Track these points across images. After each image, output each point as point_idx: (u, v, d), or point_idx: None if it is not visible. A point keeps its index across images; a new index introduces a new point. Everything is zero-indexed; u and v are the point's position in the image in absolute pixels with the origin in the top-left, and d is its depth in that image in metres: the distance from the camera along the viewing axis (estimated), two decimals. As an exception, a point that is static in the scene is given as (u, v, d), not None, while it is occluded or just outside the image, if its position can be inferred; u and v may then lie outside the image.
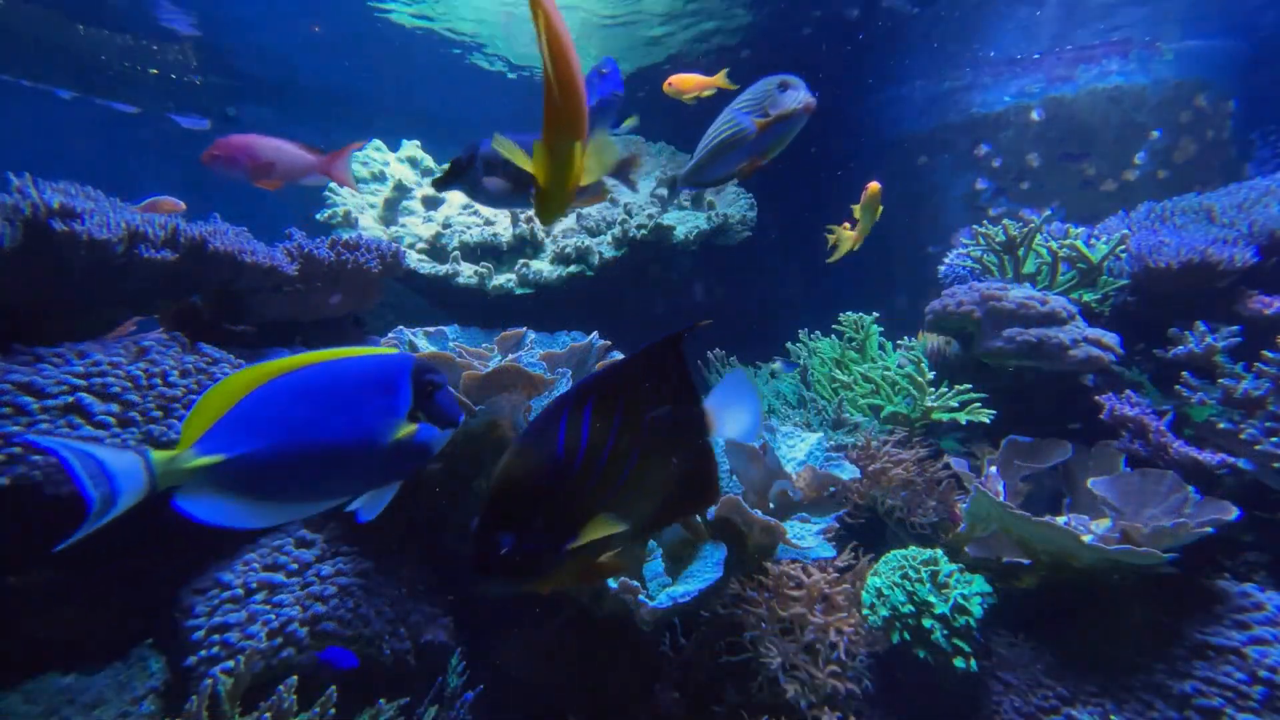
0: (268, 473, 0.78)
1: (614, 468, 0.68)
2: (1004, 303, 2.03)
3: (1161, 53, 4.20)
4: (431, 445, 0.89)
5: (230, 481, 0.76)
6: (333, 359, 0.83)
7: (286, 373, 0.79)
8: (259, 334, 1.96)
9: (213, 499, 0.77)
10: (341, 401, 0.81)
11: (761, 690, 1.37)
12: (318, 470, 0.81)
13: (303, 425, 0.79)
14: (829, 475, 1.39)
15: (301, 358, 0.80)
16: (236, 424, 0.76)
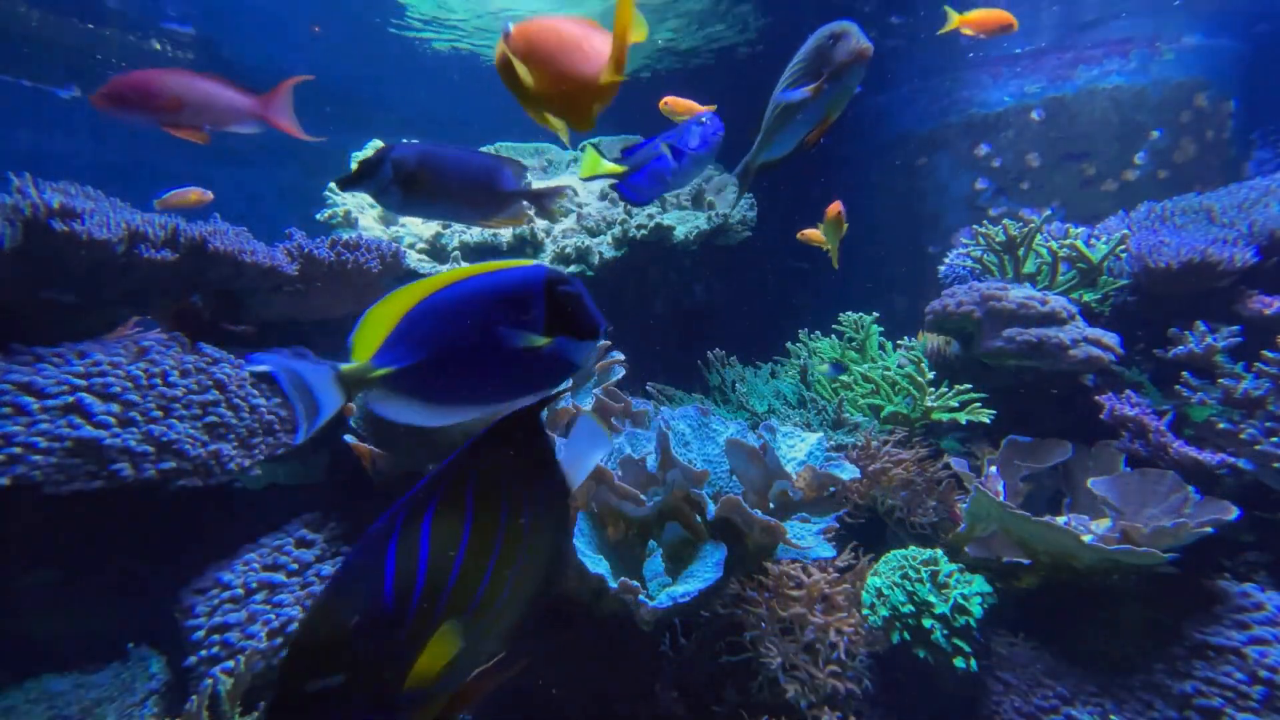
0: (431, 382, 0.86)
1: (465, 586, 0.60)
2: (1004, 303, 2.03)
3: (1161, 53, 4.20)
4: (571, 357, 0.89)
5: (405, 388, 0.86)
6: (474, 275, 0.85)
7: (435, 291, 0.84)
8: (259, 334, 1.96)
9: (394, 403, 0.87)
10: (481, 318, 0.84)
11: (761, 690, 1.37)
12: (470, 382, 0.87)
13: (451, 341, 0.84)
14: (829, 475, 1.39)
15: (448, 275, 0.85)
16: (401, 340, 0.84)
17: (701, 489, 1.31)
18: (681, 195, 3.11)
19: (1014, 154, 4.34)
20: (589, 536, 1.24)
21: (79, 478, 1.25)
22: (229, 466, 1.45)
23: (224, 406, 1.50)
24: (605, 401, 1.78)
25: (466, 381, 0.88)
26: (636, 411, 1.84)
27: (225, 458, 1.45)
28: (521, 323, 0.85)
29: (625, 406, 1.84)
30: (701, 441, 1.53)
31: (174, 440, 1.37)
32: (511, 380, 0.90)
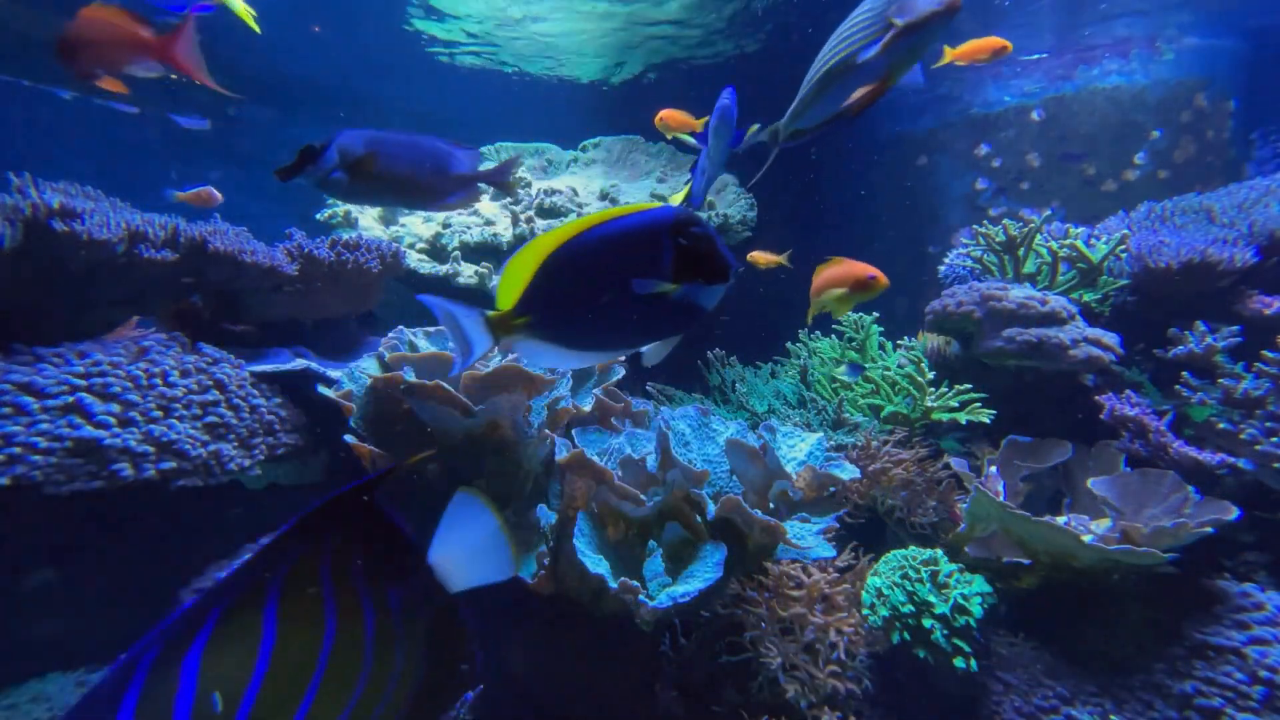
0: (566, 328, 0.89)
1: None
2: (1004, 303, 2.03)
3: (1161, 53, 4.20)
4: (700, 302, 0.88)
5: (543, 335, 0.89)
6: (604, 221, 0.86)
7: (567, 239, 0.86)
8: (259, 334, 1.96)
9: (534, 347, 0.90)
10: (610, 265, 0.86)
11: (761, 690, 1.37)
12: (602, 328, 0.90)
13: (582, 289, 0.87)
14: (829, 475, 1.39)
15: (580, 222, 0.87)
16: (538, 288, 0.87)
17: (701, 489, 1.31)
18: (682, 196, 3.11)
19: (1014, 154, 4.34)
20: (589, 537, 1.24)
21: (79, 478, 1.25)
22: (229, 466, 1.45)
23: (224, 406, 1.50)
24: (605, 401, 1.78)
25: (598, 328, 0.90)
26: (636, 411, 1.84)
27: (225, 458, 1.45)
28: (650, 268, 0.85)
29: (625, 406, 1.84)
30: (701, 441, 1.53)
31: (174, 440, 1.37)
32: (641, 327, 0.92)
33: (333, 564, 0.51)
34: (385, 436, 1.61)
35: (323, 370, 1.73)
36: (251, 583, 0.47)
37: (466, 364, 0.88)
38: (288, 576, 0.48)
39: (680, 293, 0.86)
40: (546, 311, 0.88)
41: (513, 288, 0.88)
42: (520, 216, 2.73)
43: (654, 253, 0.85)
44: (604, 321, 0.89)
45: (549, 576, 1.39)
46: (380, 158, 1.18)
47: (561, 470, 1.36)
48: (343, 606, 0.51)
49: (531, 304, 0.87)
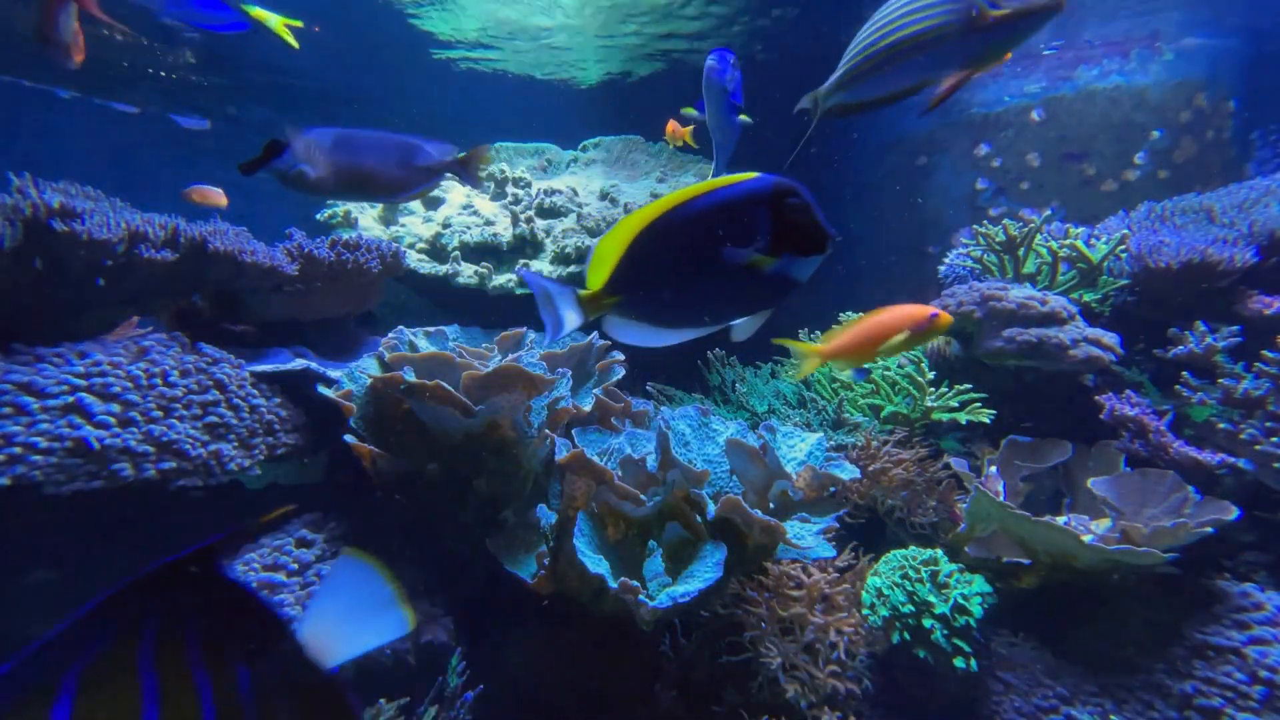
0: (656, 305, 0.89)
1: None
2: (1004, 303, 2.03)
3: (1161, 53, 4.20)
4: (795, 274, 0.86)
5: (633, 313, 0.90)
6: (698, 195, 0.85)
7: (659, 215, 0.85)
8: (259, 334, 1.96)
9: (624, 325, 0.91)
10: (703, 239, 0.84)
11: (761, 690, 1.37)
12: (694, 304, 0.89)
13: (673, 265, 0.86)
14: (829, 475, 1.39)
15: (673, 197, 0.85)
16: (628, 266, 0.87)
17: (701, 489, 1.31)
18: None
19: (1014, 154, 4.34)
20: (589, 536, 1.24)
21: (79, 478, 1.25)
22: (229, 466, 1.45)
23: (224, 406, 1.50)
24: (605, 401, 1.78)
25: (688, 305, 0.89)
26: (636, 411, 1.84)
27: (225, 458, 1.45)
28: (746, 240, 0.82)
29: (625, 406, 1.84)
30: (701, 441, 1.53)
31: (174, 440, 1.37)
32: (734, 300, 0.91)
33: (158, 645, 0.41)
34: (385, 436, 1.61)
35: (323, 370, 1.73)
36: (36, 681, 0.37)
37: (556, 339, 0.90)
38: (89, 668, 0.38)
39: (776, 265, 0.83)
40: (636, 290, 0.87)
41: (602, 267, 0.88)
42: (520, 216, 2.73)
43: (750, 224, 0.83)
44: (694, 298, 0.88)
45: (549, 576, 1.39)
46: (344, 152, 1.19)
47: (561, 470, 1.36)
48: (169, 696, 0.41)
49: (621, 283, 0.87)
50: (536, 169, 3.63)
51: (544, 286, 0.89)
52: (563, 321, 0.89)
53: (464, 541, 1.63)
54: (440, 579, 1.64)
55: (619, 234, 0.87)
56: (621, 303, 0.88)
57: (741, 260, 0.83)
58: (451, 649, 1.51)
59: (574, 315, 0.89)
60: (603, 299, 0.88)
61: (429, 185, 1.30)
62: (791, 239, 0.83)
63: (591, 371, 1.92)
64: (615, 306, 0.89)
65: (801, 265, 0.85)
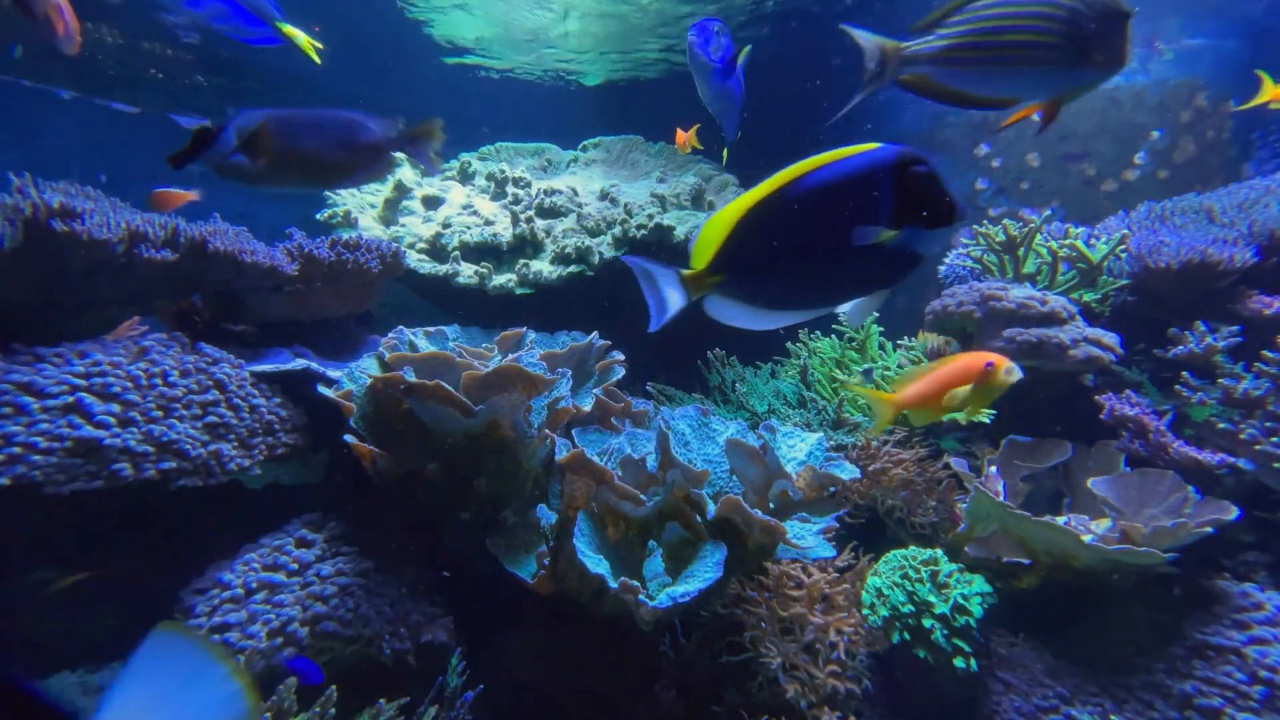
0: (762, 286, 0.86)
1: None
2: (1004, 303, 2.03)
3: (1161, 53, 4.20)
4: (919, 249, 0.80)
5: (737, 294, 0.87)
6: (813, 169, 0.81)
7: (771, 192, 0.81)
8: (259, 334, 1.96)
9: (726, 307, 0.88)
10: (819, 214, 0.79)
11: (761, 690, 1.37)
12: (803, 284, 0.85)
13: (785, 243, 0.82)
14: (829, 475, 1.39)
15: (787, 172, 0.81)
16: (735, 245, 0.83)
17: (701, 489, 1.31)
18: (682, 196, 3.11)
19: (1014, 154, 4.34)
20: (589, 536, 1.24)
21: (79, 478, 1.25)
22: (229, 466, 1.45)
23: (224, 406, 1.50)
24: (605, 401, 1.78)
25: (797, 285, 0.86)
26: (636, 411, 1.84)
27: (226, 458, 1.45)
28: (866, 214, 0.77)
29: (625, 406, 1.84)
30: (701, 441, 1.53)
31: (174, 440, 1.37)
32: (851, 280, 0.86)
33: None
34: (385, 436, 1.61)
35: (323, 370, 1.73)
36: None
37: (660, 322, 0.88)
38: None
39: (898, 239, 0.78)
40: (741, 269, 0.84)
41: (708, 246, 0.85)
42: (520, 216, 2.73)
43: (872, 197, 0.77)
44: (806, 277, 0.84)
45: (549, 576, 1.39)
46: (281, 134, 1.10)
47: (561, 470, 1.36)
48: None
49: (726, 262, 0.85)
50: (536, 169, 3.63)
51: (645, 267, 0.87)
52: (666, 302, 0.87)
53: (464, 541, 1.63)
54: (440, 579, 1.64)
55: (728, 212, 0.84)
56: (726, 282, 0.86)
57: (864, 237, 0.78)
58: (451, 649, 1.51)
59: (677, 295, 0.86)
60: (706, 278, 0.86)
61: (378, 167, 1.21)
62: (917, 211, 0.77)
63: (591, 371, 1.92)
64: (719, 286, 0.86)
65: (928, 239, 0.79)
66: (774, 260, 0.83)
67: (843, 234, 0.78)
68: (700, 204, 3.10)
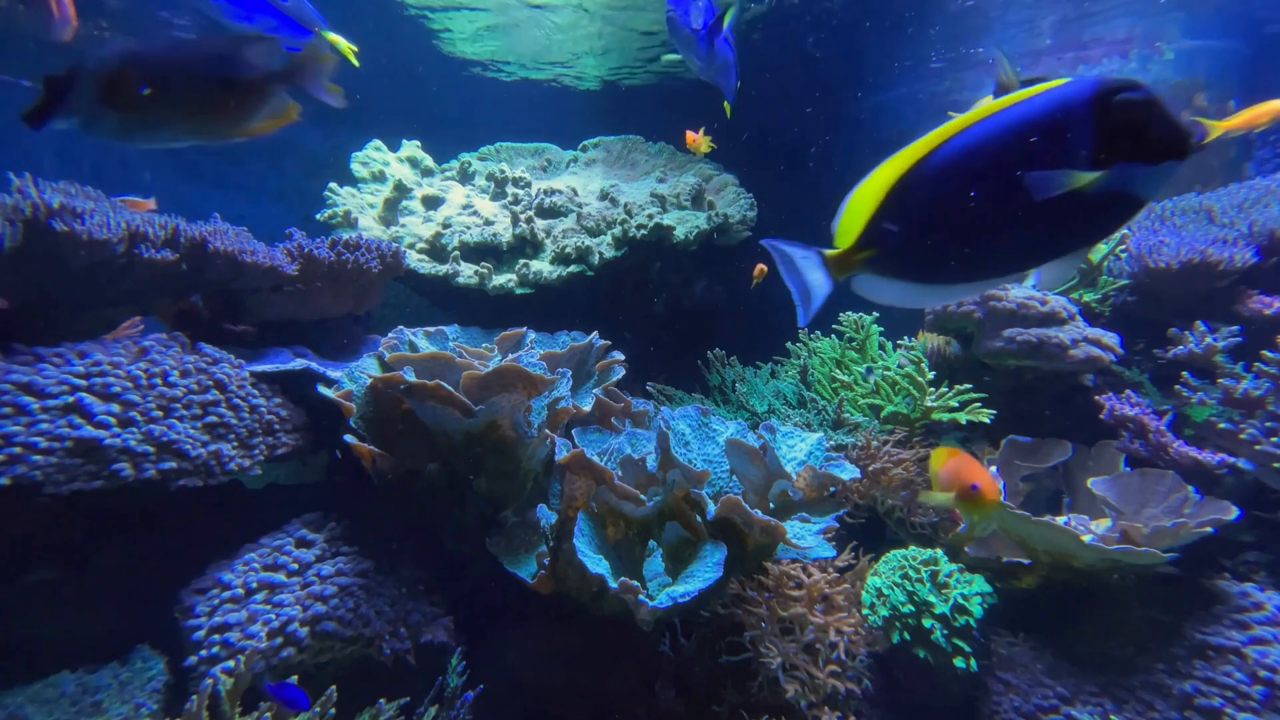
0: (924, 257, 0.76)
1: None
2: (1004, 303, 2.03)
3: (1161, 53, 4.20)
4: (1137, 190, 0.67)
5: (894, 269, 0.78)
6: (985, 116, 0.70)
7: (933, 148, 0.73)
8: (259, 334, 1.96)
9: (877, 285, 0.80)
10: (996, 166, 0.69)
11: (761, 690, 1.37)
12: (980, 249, 0.74)
13: (949, 206, 0.72)
14: (829, 475, 1.39)
15: (950, 126, 0.72)
16: (888, 214, 0.75)
17: (701, 489, 1.31)
18: (682, 196, 3.11)
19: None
20: (589, 536, 1.24)
21: (79, 478, 1.25)
22: (229, 466, 1.45)
23: (224, 406, 1.50)
24: (605, 401, 1.78)
25: (973, 251, 0.74)
26: (636, 411, 1.84)
27: (225, 458, 1.45)
28: (1057, 159, 0.66)
29: (625, 406, 1.84)
30: (701, 441, 1.53)
31: (174, 440, 1.37)
32: (1039, 240, 0.72)
33: None
34: (385, 436, 1.61)
35: (323, 370, 1.73)
36: None
37: (809, 314, 0.80)
38: None
39: (1106, 182, 0.65)
40: (899, 241, 0.75)
41: (855, 220, 0.77)
42: (520, 216, 2.73)
43: (1064, 139, 0.66)
44: (981, 243, 0.73)
45: (549, 576, 1.39)
46: (142, 73, 0.90)
47: (561, 470, 1.36)
48: None
49: (880, 234, 0.76)
50: (536, 169, 3.63)
51: (784, 250, 0.80)
52: (810, 287, 0.79)
53: (464, 541, 1.63)
54: (440, 579, 1.64)
55: (878, 179, 0.76)
56: (878, 258, 0.77)
57: (1052, 185, 0.65)
58: (451, 649, 1.51)
59: (822, 279, 0.79)
60: (853, 256, 0.77)
61: (267, 109, 0.99)
62: (1130, 144, 0.64)
63: (591, 371, 1.92)
64: (870, 263, 0.77)
65: (1149, 177, 0.66)
66: (940, 227, 0.73)
67: (1026, 183, 0.67)
68: (700, 204, 3.10)
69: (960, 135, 0.71)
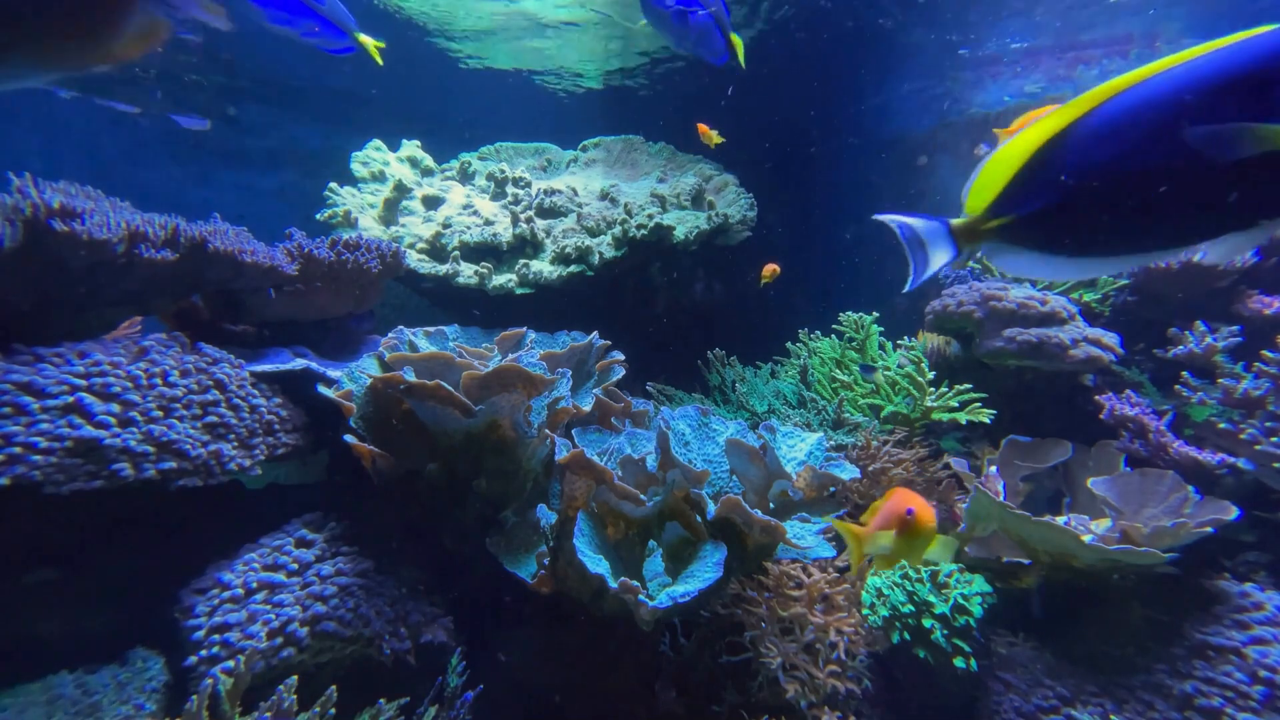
0: (1074, 227, 0.70)
1: None
2: (1004, 303, 2.03)
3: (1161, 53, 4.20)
4: None
5: (1029, 238, 0.73)
6: (1163, 69, 0.64)
7: (1092, 109, 0.66)
8: (259, 334, 1.96)
9: (1013, 256, 0.75)
10: (1164, 125, 0.62)
11: (761, 690, 1.37)
12: (1143, 217, 0.67)
13: (1119, 166, 0.64)
14: (829, 475, 1.39)
15: (1117, 82, 0.66)
16: (1029, 180, 0.70)
17: (701, 489, 1.31)
18: (682, 196, 3.11)
19: (1014, 154, 4.34)
20: (589, 536, 1.24)
21: (79, 478, 1.25)
22: (229, 466, 1.45)
23: (224, 406, 1.50)
24: (605, 401, 1.78)
25: (1136, 220, 0.67)
26: (636, 411, 1.84)
27: (225, 458, 1.45)
28: (1255, 112, 0.57)
29: (625, 406, 1.84)
30: (701, 441, 1.53)
31: (174, 440, 1.37)
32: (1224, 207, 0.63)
33: None
34: (385, 436, 1.61)
35: (323, 370, 1.73)
36: None
37: (919, 279, 0.76)
38: None
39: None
40: (1042, 208, 0.69)
41: (990, 187, 0.72)
42: (520, 216, 2.73)
43: (1266, 95, 0.57)
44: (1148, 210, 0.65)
45: (549, 576, 1.39)
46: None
47: (561, 470, 1.36)
48: None
49: (1022, 199, 0.70)
50: (536, 169, 3.63)
51: (904, 219, 0.77)
52: (929, 261, 0.76)
53: (464, 541, 1.63)
54: (440, 579, 1.64)
55: (1023, 141, 0.69)
56: (1015, 226, 0.71)
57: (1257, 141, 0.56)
58: (451, 649, 1.51)
59: (945, 251, 0.75)
60: (984, 224, 0.73)
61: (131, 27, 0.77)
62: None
63: (591, 371, 1.92)
64: (1004, 232, 0.72)
65: None
66: (1100, 193, 0.65)
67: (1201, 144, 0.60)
68: (700, 204, 3.10)
69: (1131, 91, 0.64)
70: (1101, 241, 0.70)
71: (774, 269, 2.74)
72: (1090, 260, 0.72)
